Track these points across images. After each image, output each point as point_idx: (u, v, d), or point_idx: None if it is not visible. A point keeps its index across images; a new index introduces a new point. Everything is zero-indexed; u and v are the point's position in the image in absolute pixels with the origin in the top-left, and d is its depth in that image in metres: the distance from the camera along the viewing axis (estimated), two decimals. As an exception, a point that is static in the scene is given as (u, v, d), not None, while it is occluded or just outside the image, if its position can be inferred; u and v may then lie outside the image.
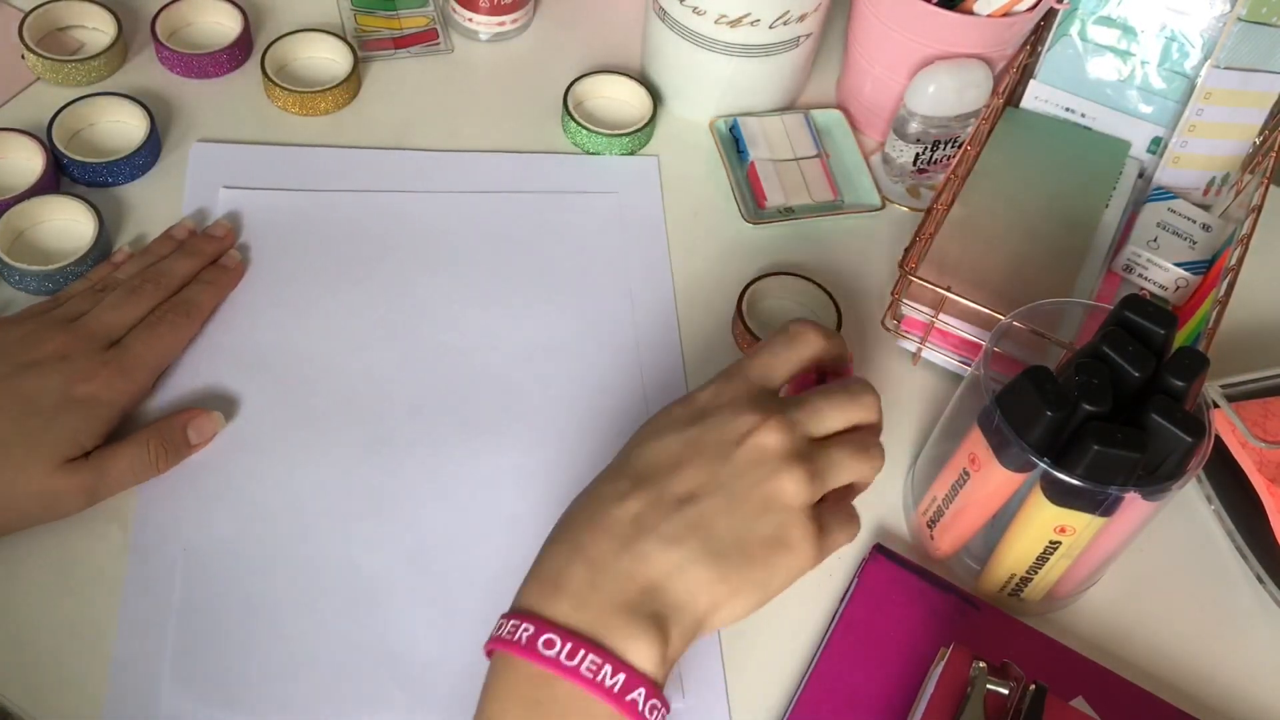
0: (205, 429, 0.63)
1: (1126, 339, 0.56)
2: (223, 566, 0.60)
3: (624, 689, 0.45)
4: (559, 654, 0.45)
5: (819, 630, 0.63)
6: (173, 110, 0.79)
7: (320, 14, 0.87)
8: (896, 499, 0.68)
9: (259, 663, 0.57)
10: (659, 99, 0.84)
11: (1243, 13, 0.74)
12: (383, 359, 0.69)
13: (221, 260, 0.70)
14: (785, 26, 0.79)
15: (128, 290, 0.66)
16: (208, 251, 0.70)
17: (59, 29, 0.82)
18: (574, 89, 0.82)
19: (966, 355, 0.72)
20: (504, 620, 0.48)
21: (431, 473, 0.65)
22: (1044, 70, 0.81)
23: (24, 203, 0.70)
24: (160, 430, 0.62)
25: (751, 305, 0.74)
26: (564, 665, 0.45)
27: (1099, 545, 0.60)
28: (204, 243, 0.70)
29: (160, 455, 0.62)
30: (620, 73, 0.84)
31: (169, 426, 0.62)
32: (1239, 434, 0.67)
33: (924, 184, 0.83)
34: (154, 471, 0.62)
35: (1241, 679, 0.64)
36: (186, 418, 0.63)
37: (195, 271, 0.69)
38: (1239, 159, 0.81)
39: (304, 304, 0.70)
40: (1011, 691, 0.56)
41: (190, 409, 0.64)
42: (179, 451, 0.62)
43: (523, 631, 0.46)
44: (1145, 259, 0.78)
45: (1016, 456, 0.56)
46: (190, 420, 0.63)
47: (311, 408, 0.66)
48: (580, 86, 0.83)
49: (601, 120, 0.82)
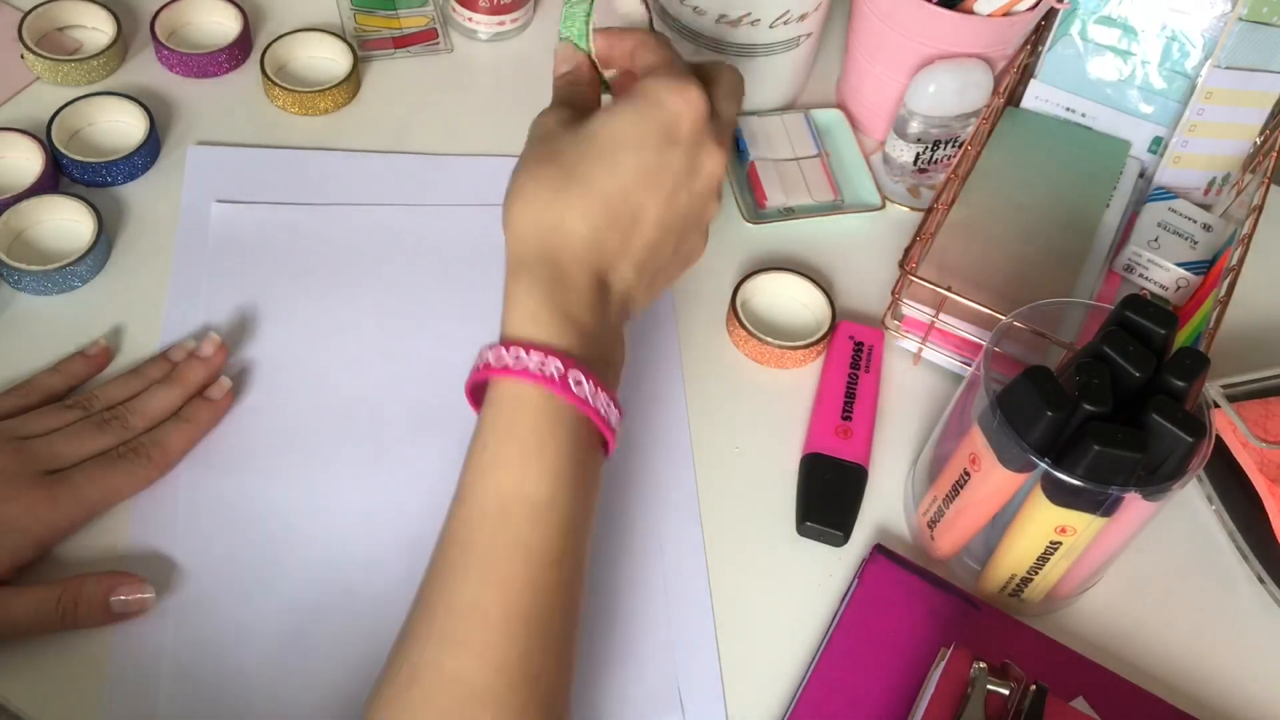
0: (131, 603, 0.57)
1: (1127, 339, 0.56)
2: (217, 585, 0.59)
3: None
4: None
5: (819, 630, 0.63)
6: (172, 110, 0.79)
7: (320, 14, 0.87)
8: (897, 499, 0.68)
9: (256, 683, 0.57)
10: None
11: (1243, 12, 0.74)
12: (380, 375, 0.68)
13: (208, 391, 0.64)
14: (785, 26, 0.79)
15: (95, 424, 0.61)
16: (194, 382, 0.64)
17: (58, 29, 0.82)
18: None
19: (967, 355, 0.72)
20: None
21: (429, 490, 0.64)
22: (1044, 70, 0.81)
23: (23, 202, 0.70)
24: (78, 588, 0.56)
25: (746, 301, 0.74)
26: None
27: (1099, 545, 0.60)
28: (193, 370, 0.64)
29: (68, 614, 0.55)
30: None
31: (91, 587, 0.56)
32: (1240, 434, 0.67)
33: (924, 184, 0.83)
34: (57, 627, 0.56)
35: (1241, 679, 0.64)
36: (112, 582, 0.56)
37: (175, 407, 0.63)
38: (1240, 159, 0.81)
39: (299, 319, 0.70)
40: (1012, 692, 0.56)
41: (119, 573, 0.57)
42: (92, 616, 0.56)
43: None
44: (1146, 259, 0.78)
45: (1017, 457, 0.56)
46: (116, 585, 0.56)
47: (307, 424, 0.66)
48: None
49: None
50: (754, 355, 0.73)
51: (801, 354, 0.72)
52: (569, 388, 0.50)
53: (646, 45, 0.57)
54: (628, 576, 0.63)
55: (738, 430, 0.70)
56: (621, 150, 0.53)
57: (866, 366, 0.72)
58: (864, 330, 0.73)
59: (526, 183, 0.53)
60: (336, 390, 0.67)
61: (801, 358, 0.72)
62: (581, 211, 0.52)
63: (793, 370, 0.73)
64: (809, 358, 0.73)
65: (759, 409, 0.71)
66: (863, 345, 0.72)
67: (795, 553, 0.65)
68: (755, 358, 0.73)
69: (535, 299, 0.52)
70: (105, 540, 0.60)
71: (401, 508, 0.63)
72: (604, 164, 0.53)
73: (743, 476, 0.68)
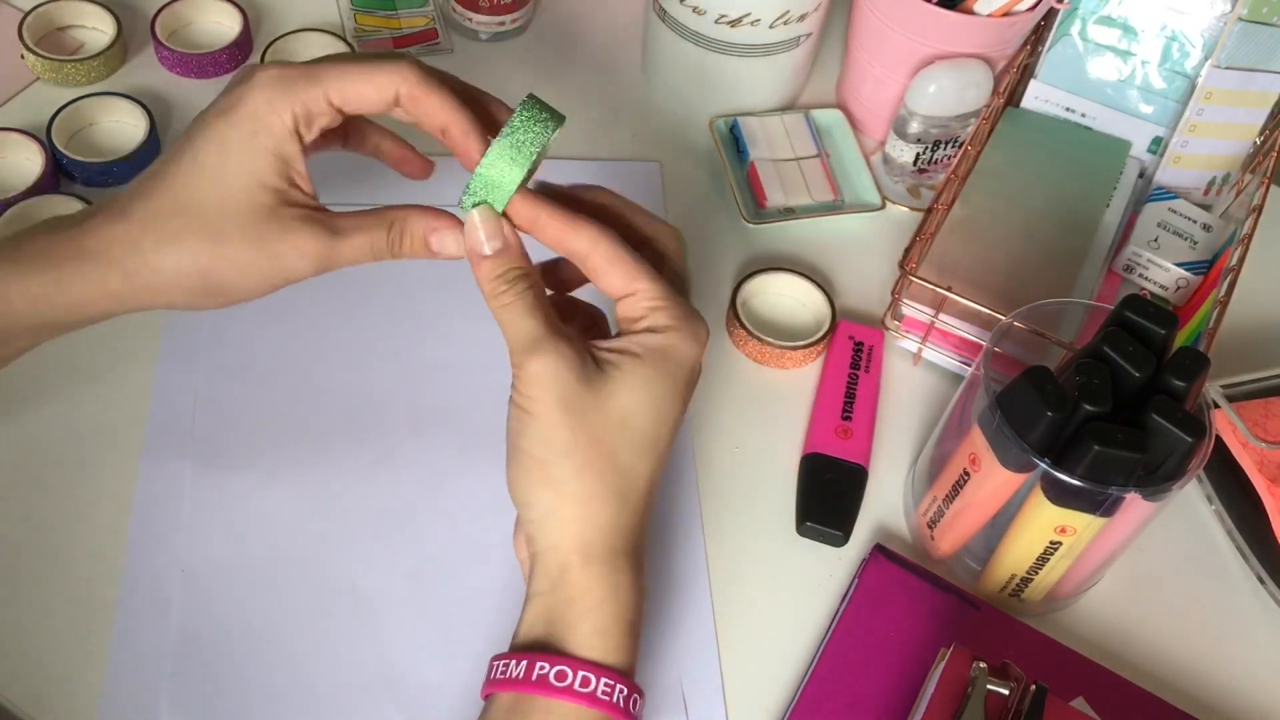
0: (448, 243, 0.52)
1: (1127, 339, 0.56)
2: (221, 587, 0.60)
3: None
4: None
5: (819, 630, 0.63)
6: (173, 110, 0.79)
7: (320, 14, 0.87)
8: (896, 499, 0.68)
9: (257, 684, 0.57)
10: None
11: (1243, 12, 0.74)
12: (383, 378, 0.68)
13: None
14: (785, 26, 0.79)
15: None
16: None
17: (59, 29, 0.82)
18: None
19: (967, 355, 0.72)
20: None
21: (432, 492, 0.64)
22: (1044, 70, 0.81)
23: (23, 203, 0.70)
24: (404, 218, 0.52)
25: (746, 301, 0.74)
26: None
27: (1099, 545, 0.60)
28: None
29: (396, 244, 0.52)
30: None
31: (415, 220, 0.52)
32: (1239, 434, 0.67)
33: (924, 184, 0.83)
34: (385, 256, 0.52)
35: (1241, 679, 0.64)
36: (433, 221, 0.52)
37: None
38: (1239, 159, 0.81)
39: (304, 323, 0.70)
40: (1012, 692, 0.56)
41: (437, 211, 0.52)
42: (414, 249, 0.52)
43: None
44: (1146, 259, 0.78)
45: (1017, 457, 0.56)
46: (436, 225, 0.52)
47: (312, 427, 0.66)
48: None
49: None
50: (754, 355, 0.73)
51: (801, 354, 0.72)
52: (625, 711, 0.47)
53: (621, 268, 0.49)
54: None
55: (738, 430, 0.70)
56: (659, 426, 0.49)
57: (866, 366, 0.72)
58: (864, 330, 0.73)
59: (551, 460, 0.47)
60: (340, 391, 0.67)
61: (801, 358, 0.72)
62: (633, 506, 0.49)
63: (793, 370, 0.73)
64: (809, 358, 0.73)
65: (759, 409, 0.71)
66: (863, 345, 0.72)
67: (795, 553, 0.65)
68: (755, 358, 0.73)
69: (602, 616, 0.48)
70: (106, 540, 0.60)
71: (404, 509, 0.63)
72: (646, 451, 0.49)
73: (743, 477, 0.68)
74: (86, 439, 0.64)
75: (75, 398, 0.65)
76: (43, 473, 0.63)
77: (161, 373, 0.67)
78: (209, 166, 0.49)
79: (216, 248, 0.49)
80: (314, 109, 0.49)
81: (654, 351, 0.48)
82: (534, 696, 0.46)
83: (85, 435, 0.64)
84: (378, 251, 0.52)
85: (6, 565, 0.59)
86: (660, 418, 0.49)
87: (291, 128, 0.49)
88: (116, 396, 0.66)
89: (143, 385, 0.66)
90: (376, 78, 0.49)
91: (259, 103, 0.48)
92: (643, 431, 0.48)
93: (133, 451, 0.64)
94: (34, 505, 0.62)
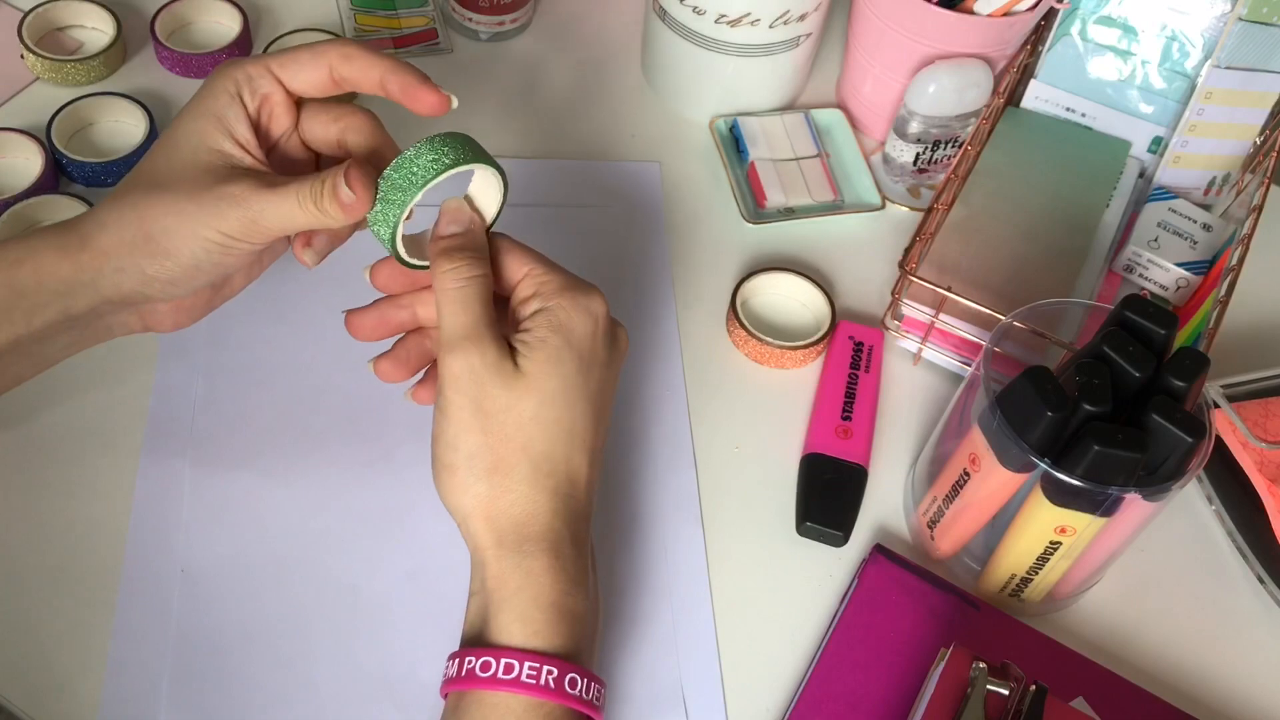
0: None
1: (1127, 339, 0.56)
2: (220, 587, 0.60)
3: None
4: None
5: (819, 631, 0.63)
6: (173, 110, 0.79)
7: (320, 14, 0.87)
8: (896, 499, 0.68)
9: (257, 684, 0.57)
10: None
11: (1243, 12, 0.74)
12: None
13: None
14: (785, 26, 0.79)
15: None
16: None
17: (58, 29, 0.82)
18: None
19: (967, 355, 0.72)
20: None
21: (432, 492, 0.64)
22: (1044, 70, 0.81)
23: (23, 203, 0.70)
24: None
25: (746, 301, 0.74)
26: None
27: (1099, 545, 0.60)
28: None
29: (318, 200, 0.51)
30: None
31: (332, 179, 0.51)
32: (1240, 434, 0.67)
33: (924, 184, 0.83)
34: (315, 223, 0.52)
35: (1241, 679, 0.64)
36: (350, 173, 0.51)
37: None
38: (1240, 159, 0.81)
39: (304, 322, 0.70)
40: (1011, 692, 0.56)
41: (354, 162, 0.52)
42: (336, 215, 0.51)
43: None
44: (1146, 259, 0.78)
45: (1016, 457, 0.56)
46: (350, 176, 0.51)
47: (311, 427, 0.66)
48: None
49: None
50: (754, 355, 0.73)
51: (801, 354, 0.72)
52: (561, 692, 0.48)
53: (515, 255, 0.53)
54: (629, 576, 0.63)
55: (738, 430, 0.70)
56: (571, 409, 0.50)
57: (866, 366, 0.72)
58: (864, 330, 0.73)
59: (459, 465, 0.50)
60: (340, 391, 0.67)
61: (801, 358, 0.72)
62: (551, 490, 0.50)
63: (793, 370, 0.73)
64: (809, 358, 0.73)
65: (759, 409, 0.71)
66: (863, 345, 0.72)
67: (795, 553, 0.65)
68: (755, 358, 0.73)
69: (520, 602, 0.49)
70: (106, 540, 0.60)
71: (403, 509, 0.63)
72: (563, 437, 0.50)
73: (743, 476, 0.68)
74: (86, 439, 0.64)
75: (75, 397, 0.65)
76: (43, 473, 0.63)
77: (161, 373, 0.67)
78: (164, 141, 0.53)
79: (151, 194, 0.51)
80: (254, 74, 0.52)
81: (556, 332, 0.50)
82: (470, 691, 0.48)
83: (85, 435, 0.64)
84: (303, 203, 0.51)
85: (7, 565, 0.59)
86: (570, 400, 0.50)
87: (234, 92, 0.52)
88: (116, 396, 0.66)
89: (142, 385, 0.66)
90: (314, 48, 0.53)
91: (210, 80, 0.53)
92: (557, 419, 0.50)
93: (132, 451, 0.64)
94: (34, 505, 0.62)
